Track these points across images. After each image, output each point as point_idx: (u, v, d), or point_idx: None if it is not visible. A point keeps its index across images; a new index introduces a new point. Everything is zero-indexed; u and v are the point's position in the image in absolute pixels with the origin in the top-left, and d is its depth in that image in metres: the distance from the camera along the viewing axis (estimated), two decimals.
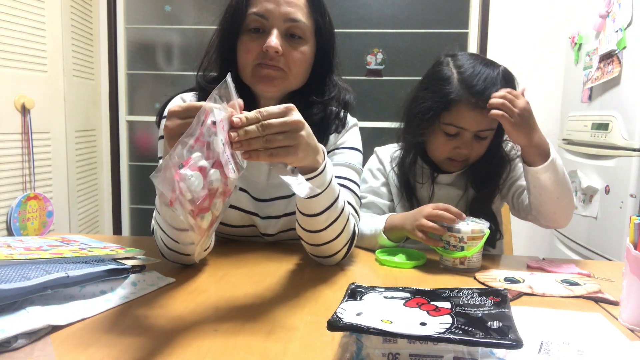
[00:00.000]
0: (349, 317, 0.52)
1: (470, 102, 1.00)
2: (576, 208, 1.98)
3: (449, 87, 1.02)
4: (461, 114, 1.02)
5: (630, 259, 0.66)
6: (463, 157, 1.07)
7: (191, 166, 0.58)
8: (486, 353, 0.51)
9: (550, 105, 2.55)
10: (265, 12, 0.91)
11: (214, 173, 0.60)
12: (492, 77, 1.02)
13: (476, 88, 1.00)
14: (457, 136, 1.05)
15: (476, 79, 1.01)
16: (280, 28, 0.91)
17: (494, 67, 1.04)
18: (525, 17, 2.61)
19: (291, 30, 0.93)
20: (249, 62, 0.93)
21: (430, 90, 1.06)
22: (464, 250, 0.90)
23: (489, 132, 1.05)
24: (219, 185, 0.61)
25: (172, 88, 2.85)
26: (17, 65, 2.06)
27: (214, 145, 0.59)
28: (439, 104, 1.03)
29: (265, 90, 0.95)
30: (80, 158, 2.55)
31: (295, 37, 0.93)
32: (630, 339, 0.62)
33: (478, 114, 1.01)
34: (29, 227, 2.12)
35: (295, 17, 0.92)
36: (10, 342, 0.55)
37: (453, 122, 1.03)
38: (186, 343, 0.58)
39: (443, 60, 1.08)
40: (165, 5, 2.81)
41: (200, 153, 0.59)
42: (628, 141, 1.66)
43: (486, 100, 0.99)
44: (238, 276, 0.83)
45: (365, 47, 2.73)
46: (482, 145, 1.07)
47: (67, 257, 0.74)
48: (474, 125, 1.03)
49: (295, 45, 0.93)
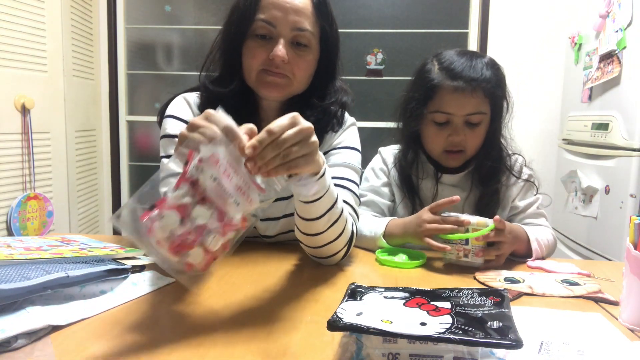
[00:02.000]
0: (349, 317, 0.52)
1: (451, 86, 1.03)
2: (576, 208, 1.98)
3: (430, 75, 1.06)
4: (444, 99, 1.04)
5: (630, 259, 0.66)
6: (458, 146, 1.07)
7: (166, 206, 0.57)
8: (486, 353, 0.51)
9: (550, 105, 2.55)
10: (273, 19, 0.91)
11: (198, 209, 0.58)
12: (472, 62, 1.05)
13: (455, 71, 1.03)
14: (448, 124, 1.06)
15: (454, 64, 1.05)
16: (287, 36, 0.92)
17: (476, 56, 1.07)
18: (525, 17, 2.61)
19: (297, 38, 0.93)
20: (255, 67, 0.94)
21: (415, 85, 1.11)
22: (468, 243, 0.91)
23: (480, 117, 1.05)
24: (204, 221, 0.59)
25: (172, 88, 2.85)
26: (17, 65, 2.06)
27: (202, 181, 0.58)
28: (423, 94, 1.06)
29: (269, 95, 0.96)
30: (80, 158, 2.55)
31: (301, 46, 0.94)
32: (630, 339, 0.62)
33: (460, 97, 1.02)
34: (29, 227, 2.12)
35: (302, 27, 0.92)
36: (10, 342, 0.55)
37: (438, 108, 1.05)
38: (186, 343, 0.58)
39: (427, 60, 1.12)
40: (165, 5, 2.81)
41: (183, 191, 0.58)
42: (628, 141, 1.66)
43: (467, 81, 1.01)
44: (238, 276, 0.83)
45: (365, 47, 2.73)
46: (476, 133, 1.07)
47: (67, 257, 0.74)
48: (459, 109, 1.03)
49: (301, 53, 0.94)
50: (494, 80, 1.04)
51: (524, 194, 1.15)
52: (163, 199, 0.58)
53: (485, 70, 1.04)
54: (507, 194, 1.13)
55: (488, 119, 1.07)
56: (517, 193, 1.14)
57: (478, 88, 1.02)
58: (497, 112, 1.08)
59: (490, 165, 1.10)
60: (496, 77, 1.06)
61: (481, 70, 1.03)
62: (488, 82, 1.03)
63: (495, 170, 1.11)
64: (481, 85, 1.03)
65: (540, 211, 1.15)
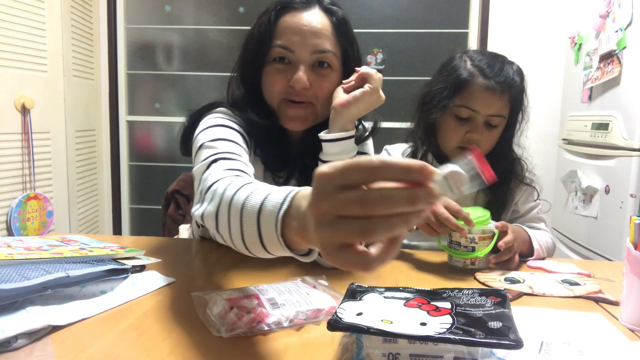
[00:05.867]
0: (349, 317, 0.52)
1: (483, 84, 1.03)
2: (576, 208, 1.98)
3: (462, 70, 1.06)
4: (474, 95, 1.03)
5: (630, 259, 0.66)
6: (474, 143, 1.05)
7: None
8: (486, 353, 0.51)
9: (550, 105, 2.55)
10: (292, 44, 0.88)
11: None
12: (505, 66, 1.05)
13: (488, 70, 1.03)
14: (469, 121, 1.05)
15: (488, 63, 1.05)
16: (307, 61, 0.89)
17: (507, 61, 1.08)
18: (525, 17, 2.61)
19: (319, 60, 0.90)
20: (275, 93, 0.92)
21: (443, 77, 1.09)
22: (475, 251, 0.90)
23: (500, 120, 1.05)
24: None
25: (172, 88, 2.85)
26: (17, 65, 2.06)
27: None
28: (452, 86, 1.06)
29: (293, 128, 0.93)
30: (80, 158, 2.54)
31: (324, 65, 0.91)
32: (630, 339, 0.62)
33: (490, 96, 1.02)
34: (29, 227, 2.12)
35: (322, 49, 0.89)
36: (10, 342, 0.55)
37: (465, 103, 1.04)
38: (186, 343, 0.58)
39: (455, 55, 1.12)
40: (165, 5, 2.81)
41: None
42: (628, 141, 1.66)
43: (499, 83, 1.02)
44: (238, 276, 0.83)
45: (365, 47, 2.73)
46: (492, 135, 1.06)
47: (67, 257, 0.74)
48: (485, 108, 1.03)
49: (324, 73, 0.91)
50: (520, 89, 1.06)
51: (525, 197, 1.15)
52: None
53: (516, 77, 1.05)
54: (510, 197, 1.14)
55: (504, 124, 1.07)
56: (519, 196, 1.14)
57: (507, 92, 1.03)
58: (514, 118, 1.09)
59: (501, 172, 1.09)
60: (521, 85, 1.07)
61: (512, 76, 1.04)
62: (516, 89, 1.05)
63: (506, 178, 1.11)
64: (510, 90, 1.03)
65: (540, 216, 1.15)
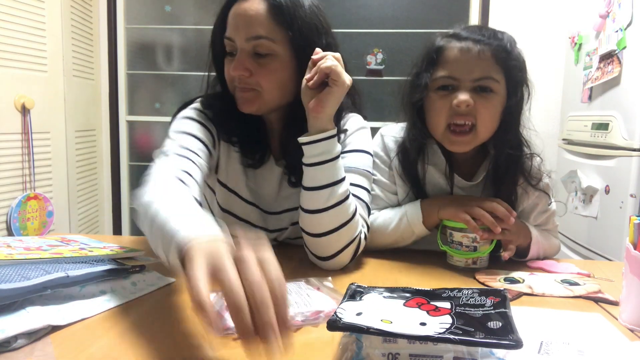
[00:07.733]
0: (349, 317, 0.52)
1: (457, 46, 0.92)
2: (576, 208, 1.98)
3: (437, 41, 0.96)
4: (449, 61, 0.93)
5: (630, 259, 0.66)
6: (465, 112, 0.90)
7: None
8: (486, 353, 0.51)
9: (550, 105, 2.54)
10: (231, 34, 0.90)
11: None
12: (482, 28, 0.95)
13: (463, 32, 0.94)
14: (453, 91, 0.92)
15: (466, 28, 0.96)
16: (245, 49, 0.89)
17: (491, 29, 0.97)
18: (525, 17, 2.61)
19: (256, 49, 0.89)
20: (229, 82, 0.94)
21: (420, 57, 1.00)
22: (477, 250, 0.90)
23: (491, 82, 0.91)
24: None
25: (172, 88, 2.85)
26: (17, 65, 2.06)
27: None
28: (426, 61, 0.96)
29: (245, 111, 0.93)
30: (80, 158, 2.55)
31: (262, 55, 0.89)
32: (630, 339, 0.62)
33: (468, 57, 0.90)
34: (29, 227, 2.12)
35: (255, 34, 0.87)
36: (10, 342, 0.55)
37: (442, 72, 0.93)
38: (186, 343, 0.58)
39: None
40: (165, 5, 2.81)
41: None
42: (628, 141, 1.66)
43: (476, 41, 0.91)
44: None
45: (365, 47, 2.73)
46: (489, 101, 0.91)
47: (67, 257, 0.74)
48: (466, 73, 0.90)
49: (263, 62, 0.89)
50: (507, 50, 0.92)
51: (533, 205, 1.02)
52: None
53: (499, 36, 0.93)
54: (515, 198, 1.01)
55: (503, 93, 0.93)
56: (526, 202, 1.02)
57: (487, 50, 0.90)
58: (513, 87, 0.94)
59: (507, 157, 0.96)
60: (512, 49, 0.94)
61: (493, 35, 0.92)
62: (500, 48, 0.91)
63: (514, 163, 0.97)
64: (491, 48, 0.90)
65: (554, 226, 1.06)
